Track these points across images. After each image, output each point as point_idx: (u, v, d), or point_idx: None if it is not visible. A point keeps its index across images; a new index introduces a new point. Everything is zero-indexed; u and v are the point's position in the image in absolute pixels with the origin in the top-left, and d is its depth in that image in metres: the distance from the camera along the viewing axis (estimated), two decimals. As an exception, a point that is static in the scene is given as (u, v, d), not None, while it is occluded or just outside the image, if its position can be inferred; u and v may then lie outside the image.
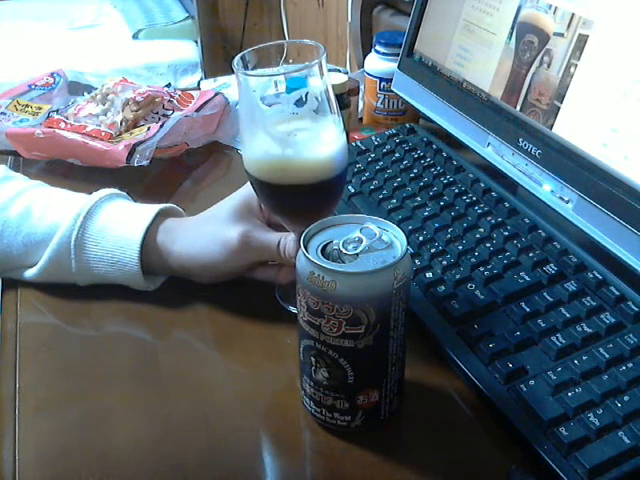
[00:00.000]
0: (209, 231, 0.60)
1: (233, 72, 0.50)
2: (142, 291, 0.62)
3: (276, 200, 0.56)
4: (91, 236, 0.61)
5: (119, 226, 0.61)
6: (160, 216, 0.62)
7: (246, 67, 0.52)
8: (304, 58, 0.51)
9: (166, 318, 0.61)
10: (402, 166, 0.75)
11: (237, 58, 0.50)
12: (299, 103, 0.50)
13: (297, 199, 0.54)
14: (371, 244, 0.45)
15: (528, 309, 0.55)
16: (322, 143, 0.52)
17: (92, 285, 0.63)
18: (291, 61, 0.52)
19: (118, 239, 0.60)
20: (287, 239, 0.58)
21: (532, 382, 0.49)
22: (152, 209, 0.62)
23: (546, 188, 0.64)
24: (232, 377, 0.56)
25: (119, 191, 0.66)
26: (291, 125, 0.51)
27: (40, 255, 0.61)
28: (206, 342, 0.60)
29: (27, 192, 0.65)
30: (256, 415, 0.52)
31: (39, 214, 0.62)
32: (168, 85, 1.00)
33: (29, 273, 0.63)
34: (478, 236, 0.63)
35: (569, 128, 0.62)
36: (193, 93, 0.96)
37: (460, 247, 0.62)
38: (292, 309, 0.59)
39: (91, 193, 0.64)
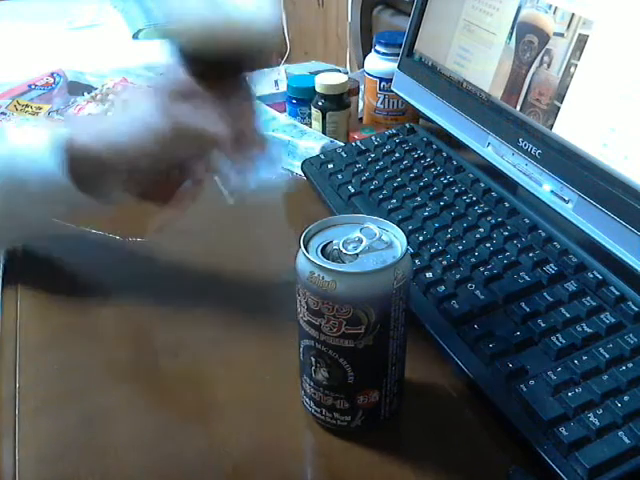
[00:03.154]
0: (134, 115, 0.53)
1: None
2: (142, 291, 0.62)
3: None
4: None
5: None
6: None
7: None
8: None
9: (166, 318, 0.61)
10: (402, 166, 0.75)
11: None
12: None
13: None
14: (371, 244, 0.45)
15: (528, 309, 0.55)
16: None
17: (92, 285, 0.62)
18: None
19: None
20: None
21: (532, 382, 0.49)
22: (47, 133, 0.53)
23: (546, 188, 0.64)
24: (232, 377, 0.56)
25: None
26: None
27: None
28: (206, 342, 0.60)
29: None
30: (256, 415, 0.52)
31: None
32: (168, 85, 1.00)
33: None
34: (478, 236, 0.63)
35: (569, 128, 0.62)
36: (193, 93, 0.96)
37: (460, 247, 0.62)
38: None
39: None
